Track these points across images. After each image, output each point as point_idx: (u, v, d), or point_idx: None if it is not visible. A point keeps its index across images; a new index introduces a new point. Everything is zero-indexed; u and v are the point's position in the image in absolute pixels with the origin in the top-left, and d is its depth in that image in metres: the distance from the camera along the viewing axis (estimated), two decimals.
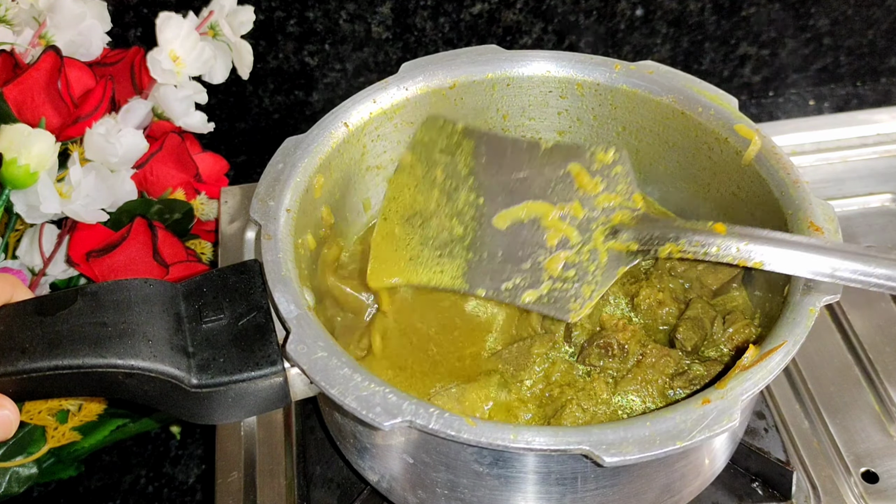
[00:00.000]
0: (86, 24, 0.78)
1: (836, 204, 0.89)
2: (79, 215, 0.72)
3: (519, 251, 0.63)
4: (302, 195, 0.61)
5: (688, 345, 0.61)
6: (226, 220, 0.84)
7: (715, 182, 0.67)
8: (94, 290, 0.52)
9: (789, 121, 1.03)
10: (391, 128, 0.68)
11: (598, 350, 0.60)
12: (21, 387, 0.50)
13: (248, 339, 0.53)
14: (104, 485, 0.81)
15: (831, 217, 0.58)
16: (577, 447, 0.47)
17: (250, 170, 1.05)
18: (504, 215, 0.64)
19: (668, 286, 0.64)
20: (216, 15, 0.83)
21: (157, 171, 0.81)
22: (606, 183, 0.63)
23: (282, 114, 1.05)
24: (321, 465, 0.67)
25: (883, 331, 0.78)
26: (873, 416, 0.72)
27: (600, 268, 0.61)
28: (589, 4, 0.98)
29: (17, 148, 0.69)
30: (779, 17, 1.02)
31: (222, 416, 0.53)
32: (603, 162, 0.64)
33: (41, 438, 0.75)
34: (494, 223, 0.64)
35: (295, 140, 0.63)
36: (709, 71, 1.07)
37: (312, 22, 0.96)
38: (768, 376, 0.50)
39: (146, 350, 0.50)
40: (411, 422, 0.47)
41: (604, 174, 0.63)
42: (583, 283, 0.60)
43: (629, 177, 0.63)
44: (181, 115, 0.83)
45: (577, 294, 0.60)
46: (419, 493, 0.57)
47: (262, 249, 0.56)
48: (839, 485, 0.67)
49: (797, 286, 0.55)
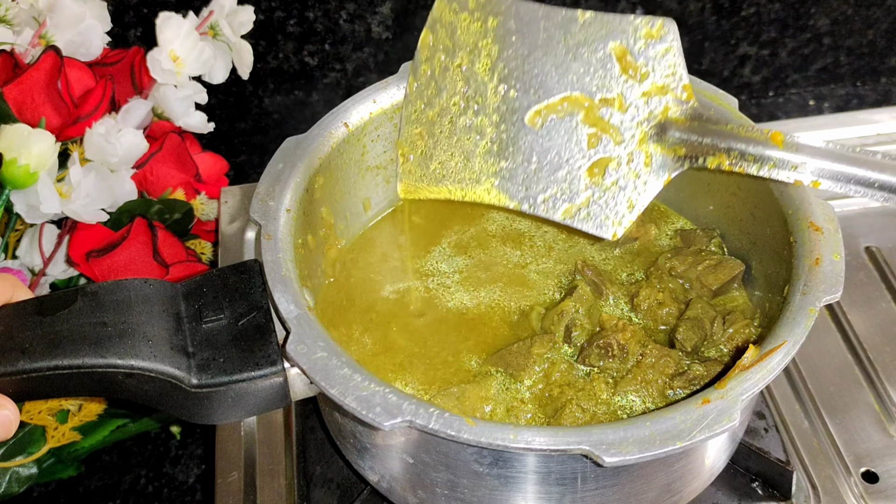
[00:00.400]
0: (86, 24, 0.78)
1: (835, 204, 0.89)
2: (79, 215, 0.72)
3: (555, 155, 0.57)
4: (302, 195, 0.61)
5: (687, 345, 0.61)
6: (226, 220, 0.84)
7: (715, 182, 0.66)
8: (94, 290, 0.52)
9: (789, 121, 1.03)
10: (391, 128, 0.68)
11: (598, 350, 0.60)
12: (21, 387, 0.50)
13: (248, 339, 0.53)
14: (104, 485, 0.81)
15: (831, 217, 0.58)
16: (576, 447, 0.47)
17: (250, 170, 1.05)
18: (538, 111, 0.58)
19: (668, 286, 0.64)
20: (216, 15, 0.83)
21: (157, 171, 0.81)
22: (653, 67, 0.56)
23: (282, 114, 1.05)
24: (321, 465, 0.67)
25: (883, 331, 0.78)
26: (873, 416, 0.72)
27: (643, 175, 0.55)
28: (589, 5, 0.98)
29: (17, 148, 0.69)
30: (779, 17, 1.02)
31: (222, 416, 0.53)
32: (649, 39, 0.56)
33: (41, 438, 0.75)
34: (528, 122, 0.58)
35: (295, 140, 0.63)
36: (709, 71, 1.07)
37: (312, 22, 0.96)
38: (768, 376, 0.50)
39: (146, 350, 0.50)
40: (411, 422, 0.47)
41: (649, 56, 0.56)
42: (622, 194, 0.56)
43: (678, 58, 0.56)
44: (181, 115, 0.83)
45: (617, 207, 0.56)
46: (419, 493, 0.57)
47: (262, 249, 0.56)
48: (839, 485, 0.67)
49: (797, 286, 0.55)
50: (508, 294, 0.66)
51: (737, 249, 0.67)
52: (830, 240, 0.57)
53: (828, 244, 0.56)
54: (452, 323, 0.64)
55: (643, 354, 0.60)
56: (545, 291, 0.66)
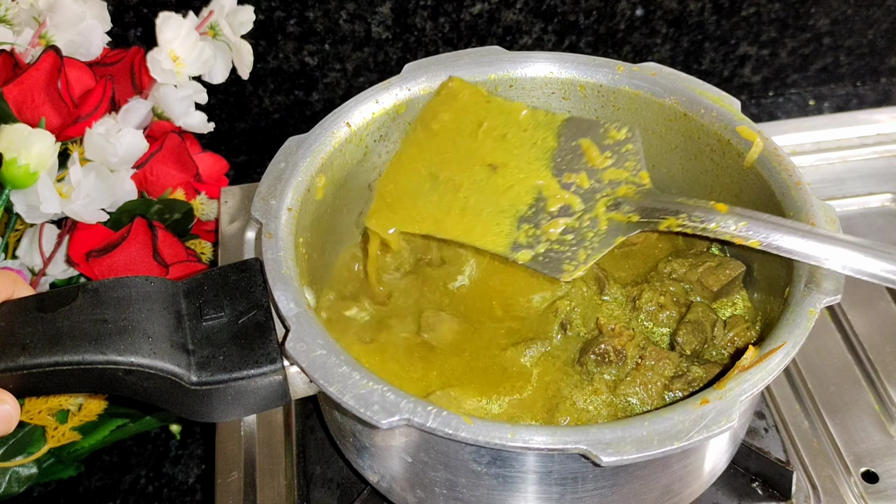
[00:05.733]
0: (86, 24, 0.78)
1: (836, 204, 0.89)
2: (79, 215, 0.72)
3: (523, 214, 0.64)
4: (303, 194, 0.61)
5: (688, 348, 0.61)
6: (226, 220, 0.84)
7: (717, 184, 0.67)
8: (94, 287, 0.52)
9: (789, 121, 1.03)
10: (393, 128, 0.68)
11: (594, 357, 0.60)
12: (21, 383, 0.50)
13: (248, 337, 0.53)
14: (104, 485, 0.81)
15: (833, 219, 0.58)
16: (574, 446, 0.47)
17: (250, 170, 1.05)
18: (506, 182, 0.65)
19: (669, 289, 0.64)
20: (216, 15, 0.83)
21: (157, 171, 0.81)
22: (616, 158, 0.64)
23: (282, 114, 1.05)
24: (321, 465, 0.67)
25: (883, 331, 0.78)
26: (873, 416, 0.72)
27: (599, 235, 0.61)
28: (589, 4, 0.98)
29: (17, 148, 0.69)
30: (779, 17, 1.02)
31: (222, 413, 0.53)
32: (615, 139, 0.65)
33: (41, 438, 0.75)
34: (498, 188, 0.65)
35: (297, 139, 0.63)
36: (709, 71, 1.07)
37: (312, 22, 0.96)
38: (767, 377, 0.50)
39: (146, 347, 0.50)
40: (409, 420, 0.47)
41: (614, 150, 0.64)
42: (580, 248, 0.61)
43: (639, 155, 0.64)
44: (181, 115, 0.83)
45: (573, 256, 0.61)
46: (418, 493, 0.57)
47: (263, 248, 0.56)
48: (839, 485, 0.67)
49: (798, 287, 0.55)
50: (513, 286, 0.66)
51: (738, 251, 0.67)
52: None
53: None
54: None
55: (642, 357, 0.59)
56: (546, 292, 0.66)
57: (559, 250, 0.61)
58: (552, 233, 0.62)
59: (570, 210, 0.63)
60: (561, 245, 0.62)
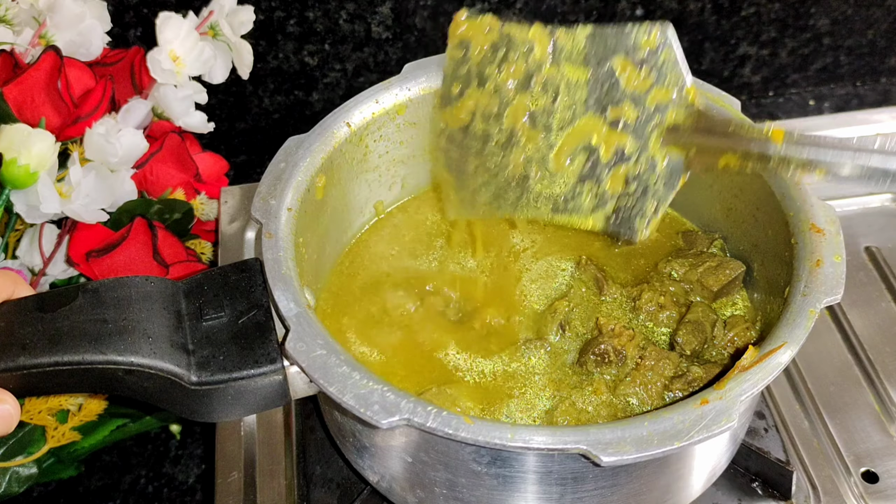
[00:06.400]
0: (86, 24, 0.78)
1: (836, 204, 0.89)
2: (79, 215, 0.72)
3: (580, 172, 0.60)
4: (303, 194, 0.61)
5: (688, 349, 0.61)
6: (226, 220, 0.84)
7: (717, 184, 0.67)
8: (95, 287, 0.52)
9: (789, 121, 1.03)
10: (393, 128, 0.68)
11: (594, 358, 0.60)
12: (22, 383, 0.50)
13: (248, 337, 0.53)
14: (104, 485, 0.81)
15: (832, 219, 0.58)
16: (574, 446, 0.47)
17: (250, 170, 1.05)
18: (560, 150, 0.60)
19: (670, 289, 0.64)
20: (216, 15, 0.83)
21: (157, 171, 0.81)
22: (656, 75, 0.58)
23: (282, 114, 1.05)
24: (321, 465, 0.67)
25: (883, 331, 0.78)
26: (873, 416, 0.72)
27: (661, 178, 0.57)
28: (589, 4, 0.98)
29: (17, 148, 0.69)
30: (779, 17, 1.02)
31: (222, 413, 0.53)
32: (648, 47, 0.58)
33: (41, 438, 0.75)
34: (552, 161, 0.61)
35: (297, 139, 0.63)
36: (709, 71, 1.07)
37: (312, 22, 0.96)
38: (767, 377, 0.50)
39: (146, 347, 0.50)
40: (409, 419, 0.47)
41: (651, 63, 0.58)
42: (646, 198, 0.58)
43: (678, 64, 0.58)
44: (181, 115, 0.83)
45: (641, 211, 0.58)
46: (418, 493, 0.57)
47: (263, 248, 0.56)
48: (839, 485, 0.67)
49: (798, 287, 0.55)
50: None
51: (738, 251, 0.67)
52: (832, 242, 0.57)
53: (829, 246, 0.56)
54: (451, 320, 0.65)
55: (642, 357, 0.60)
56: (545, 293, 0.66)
57: (627, 206, 0.58)
58: (616, 185, 0.58)
59: (624, 154, 0.58)
60: (627, 199, 0.58)
